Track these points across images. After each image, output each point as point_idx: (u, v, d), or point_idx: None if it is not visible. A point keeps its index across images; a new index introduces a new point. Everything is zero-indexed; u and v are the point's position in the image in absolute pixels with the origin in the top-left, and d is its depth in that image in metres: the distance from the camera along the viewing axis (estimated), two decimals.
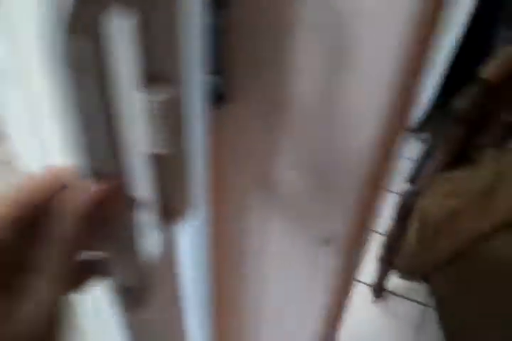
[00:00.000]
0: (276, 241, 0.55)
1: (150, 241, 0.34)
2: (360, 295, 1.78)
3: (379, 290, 1.73)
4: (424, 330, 1.68)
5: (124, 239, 0.29)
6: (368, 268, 1.75)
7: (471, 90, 1.43)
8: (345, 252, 0.56)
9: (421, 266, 1.32)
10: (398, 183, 2.06)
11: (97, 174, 0.25)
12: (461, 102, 1.40)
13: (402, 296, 1.79)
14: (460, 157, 1.46)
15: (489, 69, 1.47)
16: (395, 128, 0.48)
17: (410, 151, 2.38)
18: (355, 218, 0.52)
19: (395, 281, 1.78)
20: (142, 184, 0.31)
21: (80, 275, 0.28)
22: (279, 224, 0.54)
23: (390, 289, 1.77)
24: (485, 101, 1.42)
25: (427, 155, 2.00)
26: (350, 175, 0.48)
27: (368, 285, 1.78)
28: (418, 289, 1.75)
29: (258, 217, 0.54)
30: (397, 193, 1.53)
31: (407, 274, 1.42)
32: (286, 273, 0.59)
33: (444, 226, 1.25)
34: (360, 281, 1.83)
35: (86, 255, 0.28)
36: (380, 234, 1.65)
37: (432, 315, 1.47)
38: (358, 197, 0.50)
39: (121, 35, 0.24)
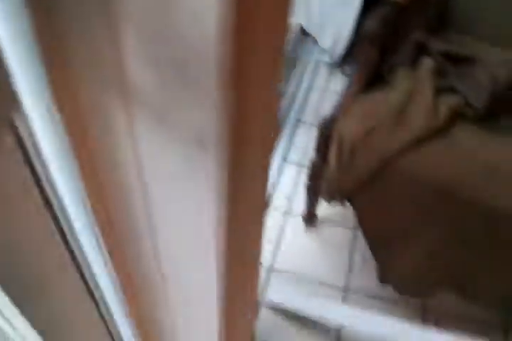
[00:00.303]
0: (146, 145, 0.53)
1: None
2: (294, 226, 1.82)
3: (310, 219, 1.78)
4: (356, 253, 1.75)
5: None
6: (300, 199, 1.78)
7: (380, 11, 1.43)
8: (225, 155, 0.53)
9: (342, 189, 1.35)
10: None
11: None
12: (372, 24, 1.39)
13: (334, 223, 1.84)
14: (375, 79, 1.47)
15: None
16: (250, 13, 0.45)
17: (337, 85, 2.39)
18: (226, 117, 0.50)
19: (325, 209, 1.83)
20: None
21: None
22: (146, 127, 0.51)
23: (321, 217, 1.82)
24: (394, 22, 1.42)
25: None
26: (205, 68, 0.45)
27: (300, 215, 1.82)
28: (348, 215, 1.81)
29: (122, 120, 0.51)
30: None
31: (331, 198, 1.45)
32: (168, 182, 0.57)
33: (360, 147, 1.27)
34: (292, 213, 1.87)
35: None
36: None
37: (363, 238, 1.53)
38: (220, 93, 0.47)
39: None
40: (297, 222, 1.82)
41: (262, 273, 1.66)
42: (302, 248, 1.76)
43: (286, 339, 1.51)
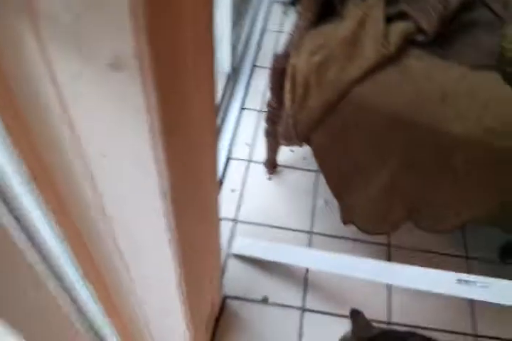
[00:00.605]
0: (63, 71, 0.46)
1: None
2: (255, 174, 1.77)
3: (272, 165, 1.73)
4: (319, 197, 1.73)
5: None
6: (262, 146, 1.72)
7: None
8: (144, 77, 0.46)
9: (298, 128, 1.30)
10: None
11: None
12: None
13: (295, 168, 1.80)
14: (328, 12, 1.39)
15: None
16: None
17: (289, 26, 2.29)
18: (140, 37, 0.43)
19: (286, 154, 1.79)
20: None
21: None
22: (57, 50, 0.44)
23: (282, 163, 1.78)
24: None
25: None
26: None
27: (261, 163, 1.77)
28: (309, 159, 1.77)
29: (31, 41, 0.43)
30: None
31: (289, 140, 1.40)
32: (93, 110, 0.50)
33: (313, 81, 1.21)
34: (253, 160, 1.82)
35: None
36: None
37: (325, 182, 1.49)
38: (131, 10, 0.40)
39: None
40: (259, 170, 1.78)
41: (227, 223, 1.63)
42: (265, 194, 1.72)
43: (255, 287, 1.50)
